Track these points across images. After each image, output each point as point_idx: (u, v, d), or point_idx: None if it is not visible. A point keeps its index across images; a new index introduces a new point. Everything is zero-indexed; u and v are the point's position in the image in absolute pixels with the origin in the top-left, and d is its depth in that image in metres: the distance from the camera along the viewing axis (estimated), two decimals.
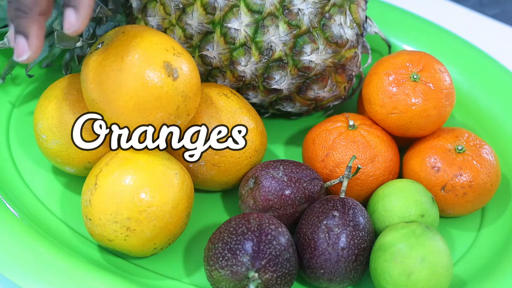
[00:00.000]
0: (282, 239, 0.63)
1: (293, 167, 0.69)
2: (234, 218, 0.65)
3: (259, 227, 0.63)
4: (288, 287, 0.64)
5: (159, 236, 0.65)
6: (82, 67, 0.64)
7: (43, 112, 0.70)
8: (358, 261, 0.65)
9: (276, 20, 0.72)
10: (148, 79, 0.62)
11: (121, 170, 0.64)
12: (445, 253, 0.64)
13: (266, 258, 0.61)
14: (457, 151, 0.73)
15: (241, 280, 0.61)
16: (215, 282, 0.63)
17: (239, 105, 0.72)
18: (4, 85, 0.81)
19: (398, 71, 0.73)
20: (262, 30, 0.72)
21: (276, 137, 0.82)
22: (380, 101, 0.73)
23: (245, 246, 0.62)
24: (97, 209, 0.64)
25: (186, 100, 0.64)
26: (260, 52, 0.73)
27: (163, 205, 0.64)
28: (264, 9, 0.72)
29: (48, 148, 0.70)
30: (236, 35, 0.72)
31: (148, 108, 0.63)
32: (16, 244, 0.64)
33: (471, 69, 0.86)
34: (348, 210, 0.66)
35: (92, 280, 0.63)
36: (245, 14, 0.72)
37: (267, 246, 0.62)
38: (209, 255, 0.63)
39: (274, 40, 0.72)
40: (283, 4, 0.72)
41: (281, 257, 0.62)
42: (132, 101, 0.62)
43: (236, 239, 0.62)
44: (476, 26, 1.03)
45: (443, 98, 0.73)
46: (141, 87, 0.62)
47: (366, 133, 0.73)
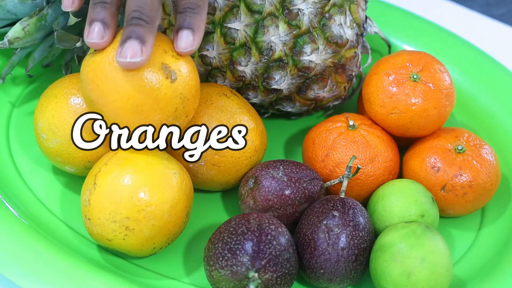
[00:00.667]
0: (282, 239, 0.63)
1: (293, 167, 0.69)
2: (234, 218, 0.65)
3: (259, 227, 0.63)
4: (288, 287, 0.64)
5: (158, 235, 0.64)
6: (82, 68, 0.64)
7: (44, 112, 0.70)
8: (358, 261, 0.65)
9: (276, 20, 0.72)
10: (146, 81, 0.62)
11: (120, 170, 0.64)
12: (445, 253, 0.64)
13: (266, 258, 0.61)
14: (457, 151, 0.73)
15: (241, 280, 0.61)
16: (215, 282, 0.63)
17: (239, 105, 0.72)
18: (4, 85, 0.81)
19: (398, 71, 0.73)
20: (262, 30, 0.72)
21: (276, 137, 0.82)
22: (380, 101, 0.73)
23: (245, 246, 0.62)
24: (96, 208, 0.64)
25: (184, 102, 0.64)
26: (260, 52, 0.73)
27: (161, 204, 0.64)
28: (264, 9, 0.72)
29: (48, 147, 0.70)
30: (236, 35, 0.72)
31: (145, 110, 0.62)
32: (16, 244, 0.64)
33: (471, 69, 0.86)
34: (348, 210, 0.66)
35: (91, 280, 0.63)
36: (245, 14, 0.72)
37: (267, 246, 0.62)
38: (209, 255, 0.63)
39: (274, 40, 0.72)
40: (283, 4, 0.72)
41: (281, 257, 0.62)
42: (129, 103, 0.62)
43: (236, 239, 0.62)
44: (476, 26, 1.03)
45: (443, 98, 0.73)
46: (138, 89, 0.62)
47: (366, 133, 0.73)
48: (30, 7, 0.75)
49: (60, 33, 0.72)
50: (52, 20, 0.75)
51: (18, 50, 0.76)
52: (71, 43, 0.74)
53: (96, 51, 0.63)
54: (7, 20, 0.76)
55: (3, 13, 0.75)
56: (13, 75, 0.82)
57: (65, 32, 0.73)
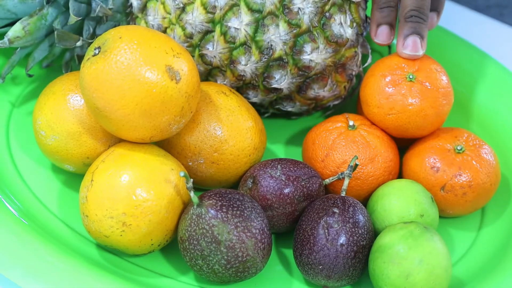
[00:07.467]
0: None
1: (291, 165, 0.70)
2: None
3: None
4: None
5: (155, 231, 0.65)
6: (82, 75, 0.64)
7: (42, 109, 0.70)
8: (357, 258, 0.65)
9: (276, 19, 0.72)
10: (152, 86, 0.62)
11: (116, 166, 0.64)
12: (444, 254, 0.64)
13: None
14: (457, 151, 0.73)
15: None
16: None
17: (238, 103, 0.72)
18: (4, 85, 0.81)
19: (394, 72, 0.73)
20: (262, 29, 0.72)
21: (276, 137, 0.82)
22: (377, 102, 0.73)
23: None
24: (93, 205, 0.64)
25: (189, 100, 0.65)
26: (260, 51, 0.73)
27: (158, 200, 0.64)
28: (264, 8, 0.72)
29: (47, 144, 0.70)
30: (236, 34, 0.72)
31: (154, 113, 0.63)
32: (16, 244, 0.65)
33: (471, 69, 0.86)
34: (348, 208, 0.66)
35: (91, 279, 0.63)
36: (245, 13, 0.72)
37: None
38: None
39: (274, 39, 0.72)
40: (283, 3, 0.72)
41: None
42: (138, 108, 0.62)
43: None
44: (477, 26, 1.02)
45: (440, 97, 0.72)
46: (146, 94, 0.62)
47: (366, 133, 0.73)
48: (30, 6, 0.75)
49: (60, 32, 0.73)
50: (52, 19, 0.75)
51: (18, 50, 0.76)
52: (71, 43, 0.74)
53: (95, 57, 0.63)
54: (7, 19, 0.76)
55: (3, 12, 0.75)
56: (13, 75, 0.82)
57: (66, 32, 0.73)
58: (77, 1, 0.75)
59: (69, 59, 0.80)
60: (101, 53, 0.63)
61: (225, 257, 0.62)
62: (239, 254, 0.63)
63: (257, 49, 0.72)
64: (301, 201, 0.69)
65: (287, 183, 0.68)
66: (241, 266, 0.63)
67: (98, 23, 0.79)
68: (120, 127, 0.64)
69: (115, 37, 0.64)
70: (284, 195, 0.68)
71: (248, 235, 0.63)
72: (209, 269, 0.63)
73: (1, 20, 0.76)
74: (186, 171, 0.70)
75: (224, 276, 0.64)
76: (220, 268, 0.63)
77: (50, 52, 0.78)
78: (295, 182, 0.68)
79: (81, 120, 0.69)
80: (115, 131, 0.65)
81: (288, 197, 0.68)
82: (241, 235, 0.63)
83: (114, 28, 0.65)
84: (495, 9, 1.09)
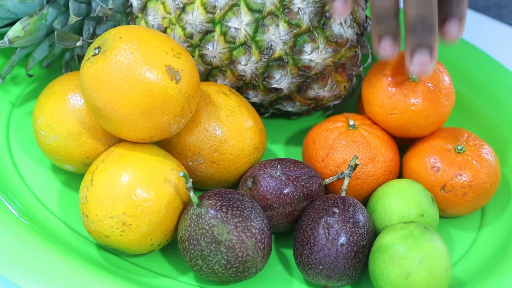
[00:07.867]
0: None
1: (291, 165, 0.69)
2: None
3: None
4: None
5: (155, 231, 0.65)
6: (81, 75, 0.64)
7: (42, 109, 0.70)
8: (357, 258, 0.65)
9: (276, 19, 0.72)
10: (152, 86, 0.62)
11: (116, 166, 0.64)
12: (444, 254, 0.64)
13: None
14: (457, 151, 0.73)
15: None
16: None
17: (237, 103, 0.72)
18: (4, 85, 0.81)
19: (397, 71, 0.73)
20: (262, 29, 0.72)
21: (276, 137, 0.82)
22: (379, 102, 0.73)
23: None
24: (93, 205, 0.64)
25: (189, 100, 0.65)
26: (260, 51, 0.73)
27: (158, 200, 0.64)
28: (264, 8, 0.72)
29: (47, 144, 0.70)
30: (236, 34, 0.72)
31: (154, 113, 0.63)
32: (16, 244, 0.65)
33: (471, 69, 0.86)
34: (348, 208, 0.66)
35: (91, 279, 0.63)
36: (245, 13, 0.72)
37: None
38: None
39: (274, 39, 0.72)
40: (283, 3, 0.72)
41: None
42: (138, 108, 0.63)
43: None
44: (476, 26, 1.02)
45: (443, 98, 0.72)
46: (146, 94, 0.62)
47: (366, 133, 0.73)
48: (30, 6, 0.75)
49: (60, 32, 0.73)
50: (52, 19, 0.75)
51: (18, 50, 0.76)
52: (71, 43, 0.74)
53: (95, 58, 0.63)
54: (7, 19, 0.76)
55: (3, 12, 0.75)
56: (13, 75, 0.82)
57: (66, 32, 0.73)
58: (77, 1, 0.75)
59: (69, 59, 0.80)
60: (101, 53, 0.63)
61: (225, 257, 0.62)
62: (239, 254, 0.63)
63: (257, 49, 0.72)
64: (301, 201, 0.69)
65: (287, 183, 0.68)
66: (241, 266, 0.63)
67: (98, 23, 0.79)
68: (120, 127, 0.64)
69: (115, 37, 0.64)
70: (284, 195, 0.68)
71: (248, 235, 0.63)
72: (209, 269, 0.63)
73: (1, 20, 0.76)
74: (186, 171, 0.70)
75: (224, 276, 0.64)
76: (220, 268, 0.63)
77: (50, 52, 0.78)
78: (295, 182, 0.68)
79: (81, 120, 0.69)
80: (115, 131, 0.65)
81: (288, 197, 0.68)
82: (241, 235, 0.63)
83: (114, 28, 0.65)
84: (494, 9, 1.09)
